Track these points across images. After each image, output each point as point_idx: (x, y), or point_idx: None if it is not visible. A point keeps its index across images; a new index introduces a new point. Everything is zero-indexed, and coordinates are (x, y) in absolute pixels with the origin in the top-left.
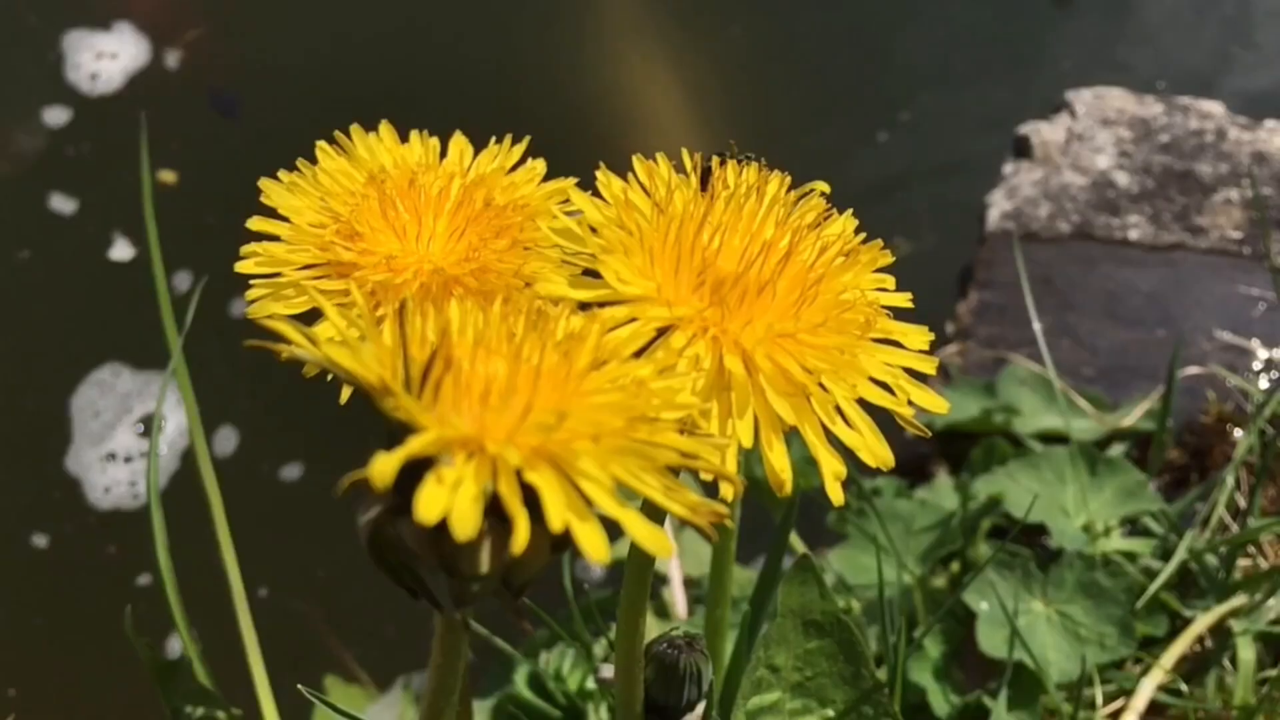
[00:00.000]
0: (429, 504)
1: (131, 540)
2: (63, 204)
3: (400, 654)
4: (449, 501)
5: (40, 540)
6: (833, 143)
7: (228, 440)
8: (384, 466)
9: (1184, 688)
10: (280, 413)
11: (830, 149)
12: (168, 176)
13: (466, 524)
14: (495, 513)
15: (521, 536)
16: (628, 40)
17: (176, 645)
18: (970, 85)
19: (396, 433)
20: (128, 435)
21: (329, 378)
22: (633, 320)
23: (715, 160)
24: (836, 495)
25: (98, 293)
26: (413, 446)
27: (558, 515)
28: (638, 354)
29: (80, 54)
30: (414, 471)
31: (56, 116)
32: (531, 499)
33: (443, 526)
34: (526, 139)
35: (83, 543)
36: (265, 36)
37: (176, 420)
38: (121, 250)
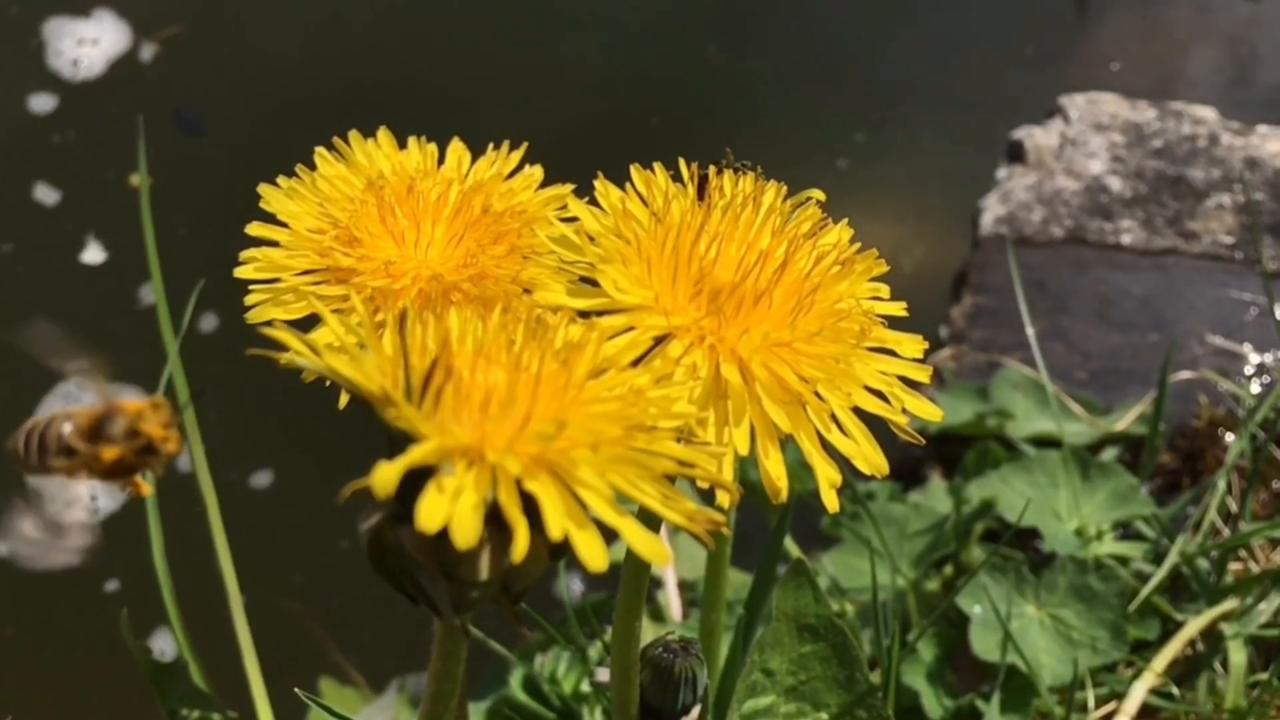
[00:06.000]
0: (430, 513)
1: (95, 553)
2: (46, 194)
3: (395, 656)
4: (450, 510)
5: (1, 548)
6: (824, 149)
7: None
8: (385, 475)
9: (1175, 691)
10: (245, 423)
11: (822, 155)
12: (140, 181)
13: (467, 532)
14: (495, 520)
15: (521, 545)
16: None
17: (158, 648)
18: (964, 90)
19: (397, 441)
20: None
21: (326, 384)
22: (630, 329)
23: (712, 169)
24: (831, 503)
25: (69, 298)
26: (414, 455)
27: (557, 524)
28: (635, 362)
29: (61, 41)
30: (415, 480)
31: (42, 104)
32: (530, 506)
33: (443, 534)
34: (524, 145)
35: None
36: (246, 39)
37: None
38: (94, 254)
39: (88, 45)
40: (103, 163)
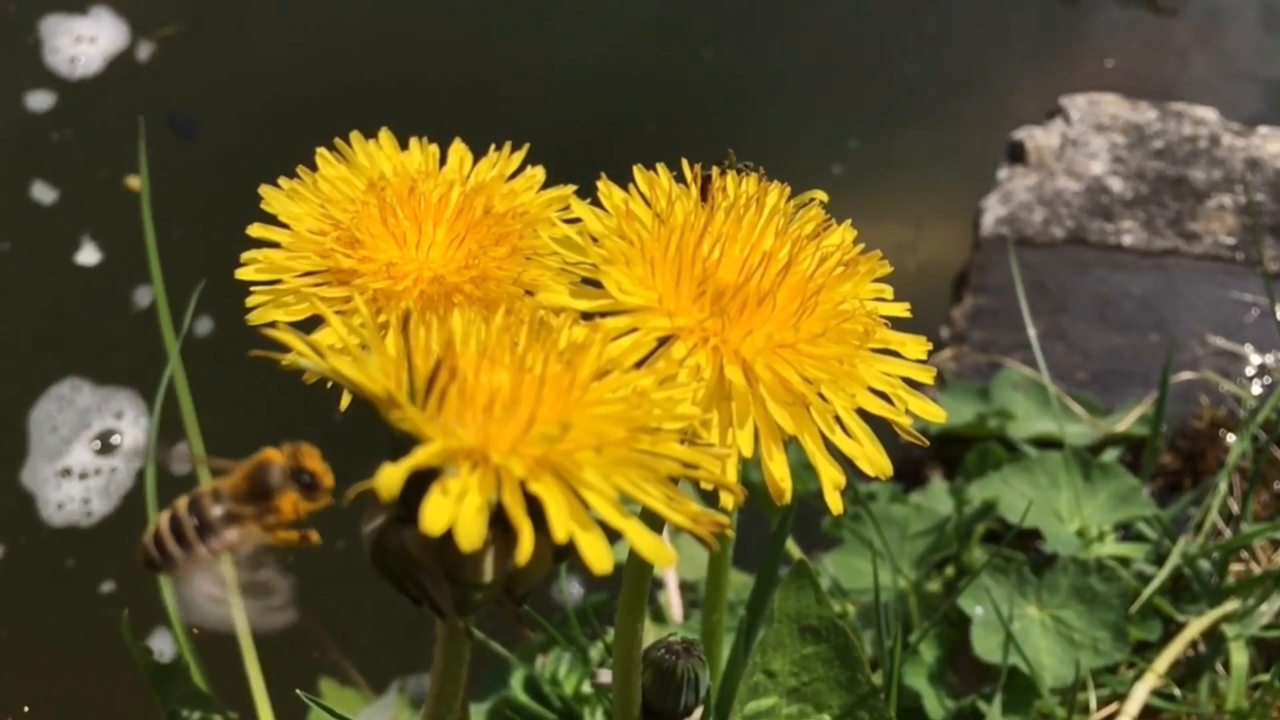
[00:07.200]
0: (435, 515)
1: (89, 554)
2: (44, 193)
3: (395, 657)
4: (454, 512)
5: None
6: (822, 151)
7: (188, 455)
8: (390, 478)
9: (1177, 692)
10: (241, 425)
11: (819, 159)
12: (136, 183)
13: (471, 535)
14: (499, 523)
15: (526, 547)
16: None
17: (157, 649)
18: (963, 91)
19: (401, 443)
20: (84, 452)
21: (328, 385)
22: (634, 330)
23: (715, 170)
24: (835, 504)
25: (64, 299)
26: (418, 458)
27: (562, 526)
28: (639, 364)
29: (59, 38)
30: (419, 482)
31: (40, 101)
32: (534, 508)
33: (447, 536)
34: (526, 146)
35: (39, 555)
36: (244, 40)
37: (133, 437)
38: (89, 254)
39: (85, 43)
40: (100, 162)
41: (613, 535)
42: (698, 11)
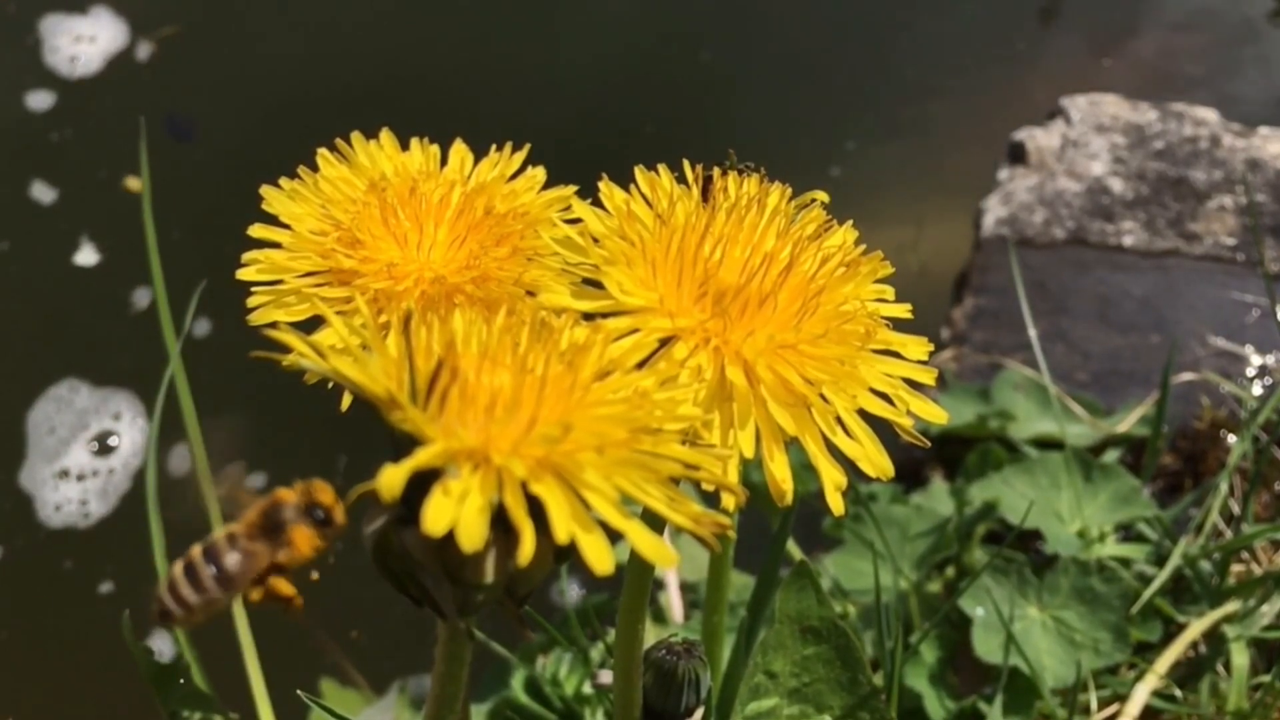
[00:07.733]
0: (436, 516)
1: (87, 556)
2: (43, 193)
3: (396, 658)
4: (456, 513)
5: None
6: (821, 150)
7: (184, 457)
8: (392, 479)
9: (1178, 693)
10: (239, 425)
11: (819, 156)
12: (135, 184)
13: (473, 536)
14: (500, 523)
15: (528, 548)
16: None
17: (156, 649)
18: (963, 92)
19: (403, 444)
20: (82, 453)
21: (329, 386)
22: (635, 331)
23: (716, 171)
24: (837, 505)
25: (63, 300)
26: (419, 459)
27: (563, 527)
28: (641, 365)
29: (58, 38)
30: (420, 482)
31: (40, 101)
32: (535, 509)
33: (448, 537)
34: (527, 147)
35: (37, 556)
36: (243, 40)
37: (131, 439)
38: (87, 255)
39: (85, 42)
40: (98, 163)
41: (614, 536)
42: (696, 13)
